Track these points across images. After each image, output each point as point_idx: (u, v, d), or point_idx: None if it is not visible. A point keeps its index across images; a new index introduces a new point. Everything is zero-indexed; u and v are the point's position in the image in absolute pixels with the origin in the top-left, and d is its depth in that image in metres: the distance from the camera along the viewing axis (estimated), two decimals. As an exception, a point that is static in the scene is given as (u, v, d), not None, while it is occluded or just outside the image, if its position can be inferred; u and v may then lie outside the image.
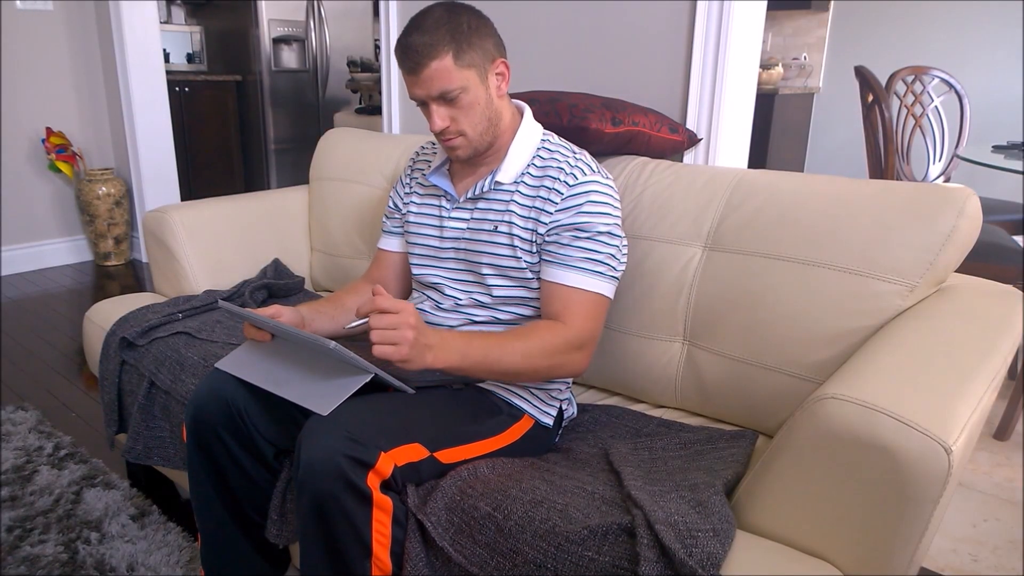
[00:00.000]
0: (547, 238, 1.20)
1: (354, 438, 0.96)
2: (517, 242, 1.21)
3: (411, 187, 1.39)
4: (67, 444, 1.94)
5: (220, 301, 1.15)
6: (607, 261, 1.19)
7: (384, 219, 1.45)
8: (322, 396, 1.03)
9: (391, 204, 1.43)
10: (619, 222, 1.21)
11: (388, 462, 0.97)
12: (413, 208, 1.36)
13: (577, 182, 1.18)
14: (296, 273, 2.00)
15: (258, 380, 1.12)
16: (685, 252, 1.34)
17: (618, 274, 1.22)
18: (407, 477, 1.02)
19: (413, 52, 1.12)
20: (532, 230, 1.20)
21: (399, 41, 1.15)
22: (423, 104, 1.18)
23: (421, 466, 1.04)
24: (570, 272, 1.18)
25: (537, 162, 1.23)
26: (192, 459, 1.18)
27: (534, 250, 1.21)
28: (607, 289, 1.20)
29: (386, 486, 0.99)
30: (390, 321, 0.98)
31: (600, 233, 1.18)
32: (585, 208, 1.17)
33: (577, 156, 1.23)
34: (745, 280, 1.25)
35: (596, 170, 1.21)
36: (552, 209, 1.18)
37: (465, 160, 1.25)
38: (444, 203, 1.30)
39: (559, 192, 1.18)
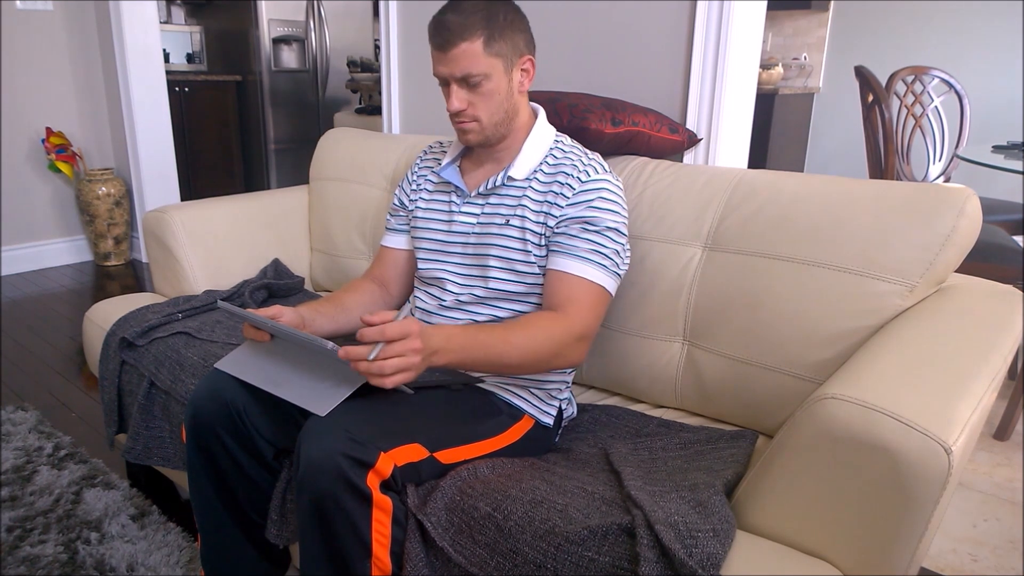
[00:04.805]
0: (556, 230, 1.21)
1: (354, 438, 0.96)
2: (528, 235, 1.22)
3: (419, 184, 1.39)
4: (67, 444, 1.94)
5: (219, 301, 1.15)
6: (612, 256, 1.20)
7: (388, 217, 1.45)
8: (321, 397, 1.03)
9: (396, 202, 1.43)
10: (626, 223, 1.24)
11: (388, 462, 0.97)
12: (421, 204, 1.36)
13: (589, 179, 1.21)
14: (296, 273, 2.00)
15: (257, 380, 1.12)
16: (685, 252, 1.34)
17: (621, 272, 1.23)
18: (407, 477, 1.02)
19: (445, 30, 1.14)
20: (543, 223, 1.22)
21: (434, 17, 1.17)
22: (444, 83, 1.19)
23: (421, 466, 1.04)
24: (576, 261, 1.19)
25: (550, 160, 1.25)
26: (192, 459, 1.18)
27: (543, 243, 1.22)
28: (610, 284, 1.21)
29: (386, 486, 0.99)
30: (398, 350, 0.97)
31: (608, 228, 1.20)
32: (596, 203, 1.20)
33: (590, 157, 1.26)
34: (745, 280, 1.25)
35: (608, 171, 1.24)
36: (563, 203, 1.20)
37: (477, 145, 1.26)
38: (454, 198, 1.31)
39: (571, 187, 1.20)
